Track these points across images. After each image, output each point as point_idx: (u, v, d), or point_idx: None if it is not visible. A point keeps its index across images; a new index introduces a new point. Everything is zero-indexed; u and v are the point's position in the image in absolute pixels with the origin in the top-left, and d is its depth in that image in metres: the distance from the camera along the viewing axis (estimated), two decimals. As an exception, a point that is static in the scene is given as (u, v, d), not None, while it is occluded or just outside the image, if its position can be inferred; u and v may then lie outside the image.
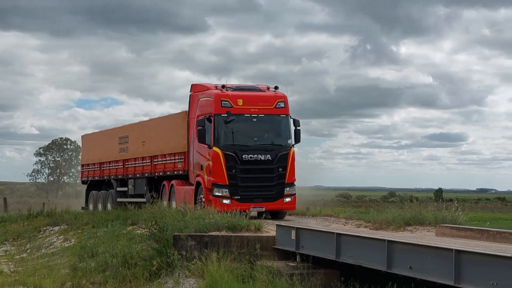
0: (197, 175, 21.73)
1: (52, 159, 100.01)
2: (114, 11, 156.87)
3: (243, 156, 20.74)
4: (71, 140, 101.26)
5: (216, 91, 21.51)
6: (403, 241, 12.28)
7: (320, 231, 14.66)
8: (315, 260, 14.40)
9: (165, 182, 24.54)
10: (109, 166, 30.46)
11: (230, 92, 21.32)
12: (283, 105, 21.56)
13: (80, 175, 35.14)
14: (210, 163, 20.82)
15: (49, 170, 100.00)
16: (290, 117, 21.65)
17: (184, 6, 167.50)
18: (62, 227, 25.68)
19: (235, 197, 20.60)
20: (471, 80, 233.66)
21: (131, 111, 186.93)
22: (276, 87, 22.09)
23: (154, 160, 25.90)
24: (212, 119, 20.87)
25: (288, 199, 21.20)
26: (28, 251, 23.49)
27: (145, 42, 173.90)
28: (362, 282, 13.61)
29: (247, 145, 21.00)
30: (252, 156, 20.80)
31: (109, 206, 29.23)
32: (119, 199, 28.53)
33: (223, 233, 16.04)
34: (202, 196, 21.10)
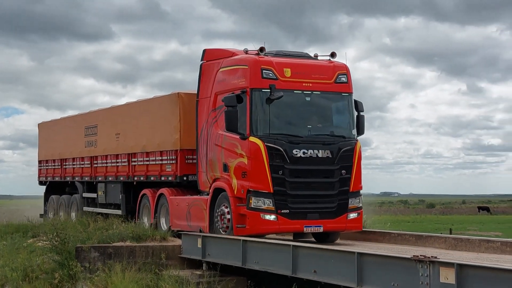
0: (216, 179, 15.56)
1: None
2: (14, 18, 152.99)
3: (294, 152, 14.64)
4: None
5: (252, 56, 15.21)
6: (307, 245, 12.43)
7: (226, 238, 14.61)
8: (222, 267, 14.36)
9: (146, 191, 18.70)
10: (73, 165, 24.18)
11: (273, 59, 15.08)
12: (345, 80, 15.53)
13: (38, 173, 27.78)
14: (245, 160, 14.61)
15: None
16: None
17: (88, 14, 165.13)
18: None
19: (283, 211, 14.52)
20: (373, 87, 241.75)
21: (33, 120, 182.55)
22: (332, 54, 15.81)
23: (133, 159, 19.78)
24: (248, 96, 14.67)
25: (353, 215, 15.20)
26: None
27: (47, 50, 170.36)
28: (269, 287, 13.77)
29: (298, 135, 14.89)
30: (305, 151, 14.70)
31: (73, 215, 23.29)
32: (85, 208, 22.70)
33: (128, 243, 15.80)
34: (225, 209, 15.03)
